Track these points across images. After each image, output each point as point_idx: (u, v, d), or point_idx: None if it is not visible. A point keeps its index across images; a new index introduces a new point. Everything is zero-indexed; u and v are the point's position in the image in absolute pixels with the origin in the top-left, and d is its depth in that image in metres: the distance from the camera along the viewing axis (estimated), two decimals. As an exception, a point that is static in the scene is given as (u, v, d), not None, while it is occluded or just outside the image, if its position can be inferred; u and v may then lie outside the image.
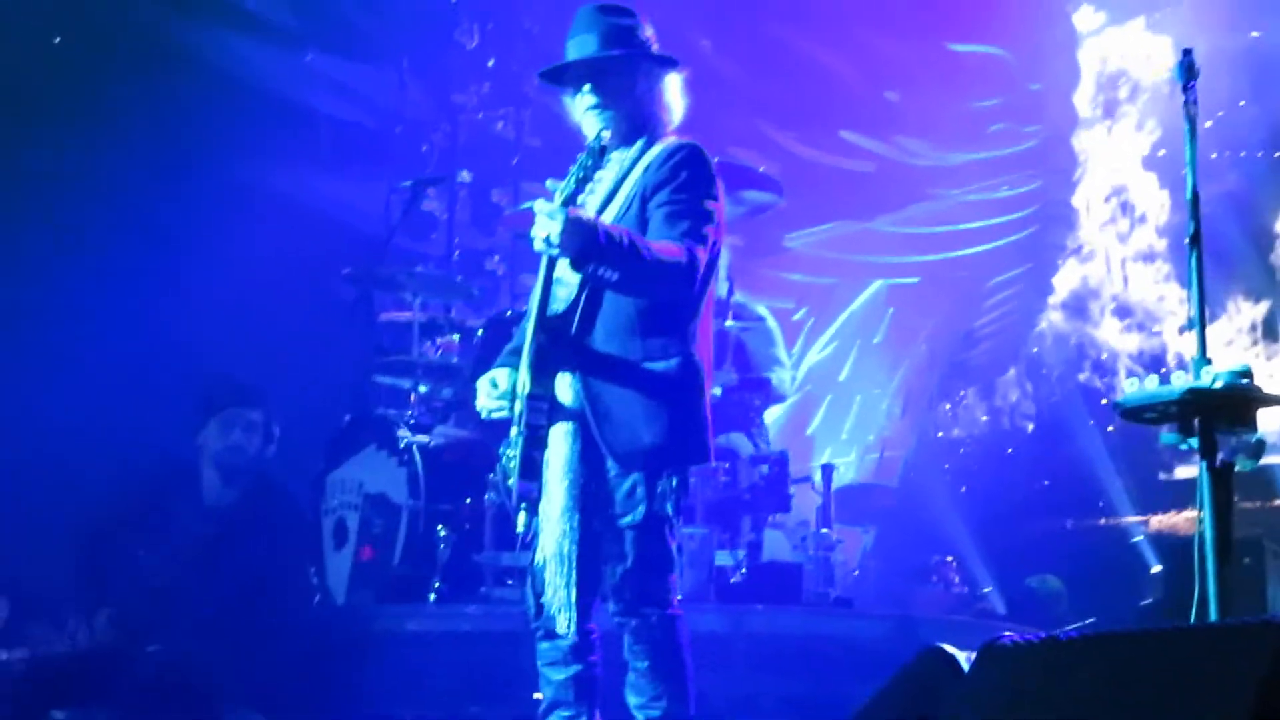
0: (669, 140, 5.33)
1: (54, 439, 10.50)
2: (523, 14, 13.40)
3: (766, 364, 9.52)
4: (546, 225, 4.87)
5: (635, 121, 5.34)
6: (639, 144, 5.32)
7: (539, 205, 4.92)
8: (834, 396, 16.07)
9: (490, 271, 12.95)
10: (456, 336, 9.41)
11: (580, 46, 5.33)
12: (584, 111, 5.32)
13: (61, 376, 10.51)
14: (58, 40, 10.97)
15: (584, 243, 4.87)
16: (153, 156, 11.13)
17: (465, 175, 12.98)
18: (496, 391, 5.25)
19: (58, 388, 10.48)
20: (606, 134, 5.18)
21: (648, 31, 5.41)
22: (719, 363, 8.63)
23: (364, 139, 13.08)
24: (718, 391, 8.57)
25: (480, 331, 9.04)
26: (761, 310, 9.80)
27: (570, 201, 4.96)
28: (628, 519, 5.08)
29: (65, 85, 10.91)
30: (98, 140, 11.02)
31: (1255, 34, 14.43)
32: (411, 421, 8.74)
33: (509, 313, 8.96)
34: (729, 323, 8.84)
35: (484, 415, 5.32)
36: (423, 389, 9.09)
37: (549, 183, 5.06)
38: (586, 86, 5.31)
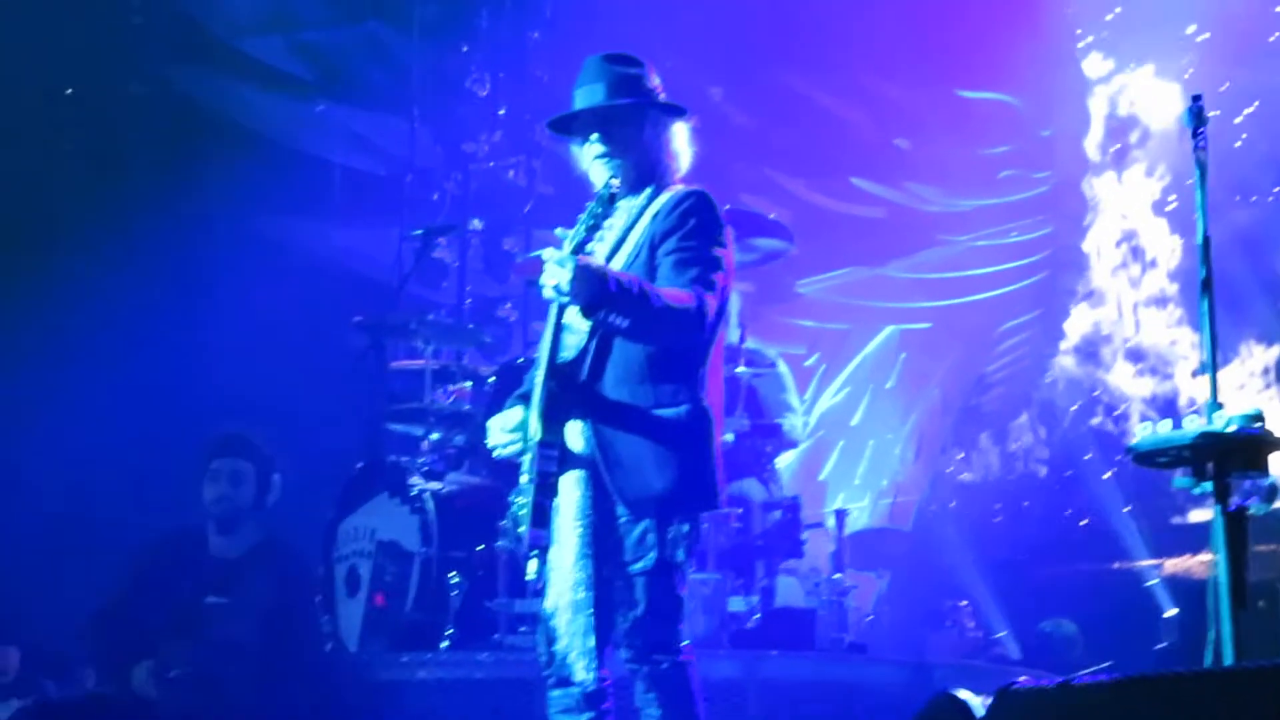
0: (677, 188, 5.34)
1: (69, 493, 10.54)
2: (534, 62, 13.46)
3: (779, 410, 9.52)
4: (556, 273, 4.88)
5: (643, 169, 5.36)
6: (647, 191, 5.33)
7: (547, 253, 4.93)
8: (847, 442, 16.07)
9: (502, 319, 12.96)
10: (469, 384, 9.42)
11: (588, 96, 5.35)
12: (592, 160, 5.33)
13: (77, 428, 10.54)
14: (69, 91, 11.02)
15: (594, 290, 4.88)
16: (165, 206, 11.18)
17: (477, 223, 13.01)
18: (508, 429, 5.26)
19: (73, 440, 10.51)
20: (616, 182, 5.19)
21: (654, 80, 5.43)
22: (731, 409, 8.63)
23: (376, 188, 13.13)
24: (730, 438, 8.56)
25: (492, 379, 9.05)
26: (774, 356, 9.80)
27: (579, 249, 4.97)
28: (639, 565, 5.07)
29: (78, 136, 10.97)
30: (111, 190, 11.08)
31: (1261, 78, 14.46)
32: (424, 469, 8.73)
33: (521, 360, 8.96)
34: (741, 369, 8.84)
35: (495, 454, 5.32)
36: (435, 436, 9.09)
37: (559, 231, 5.07)
38: (594, 136, 5.33)
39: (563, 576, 5.07)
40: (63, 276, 10.72)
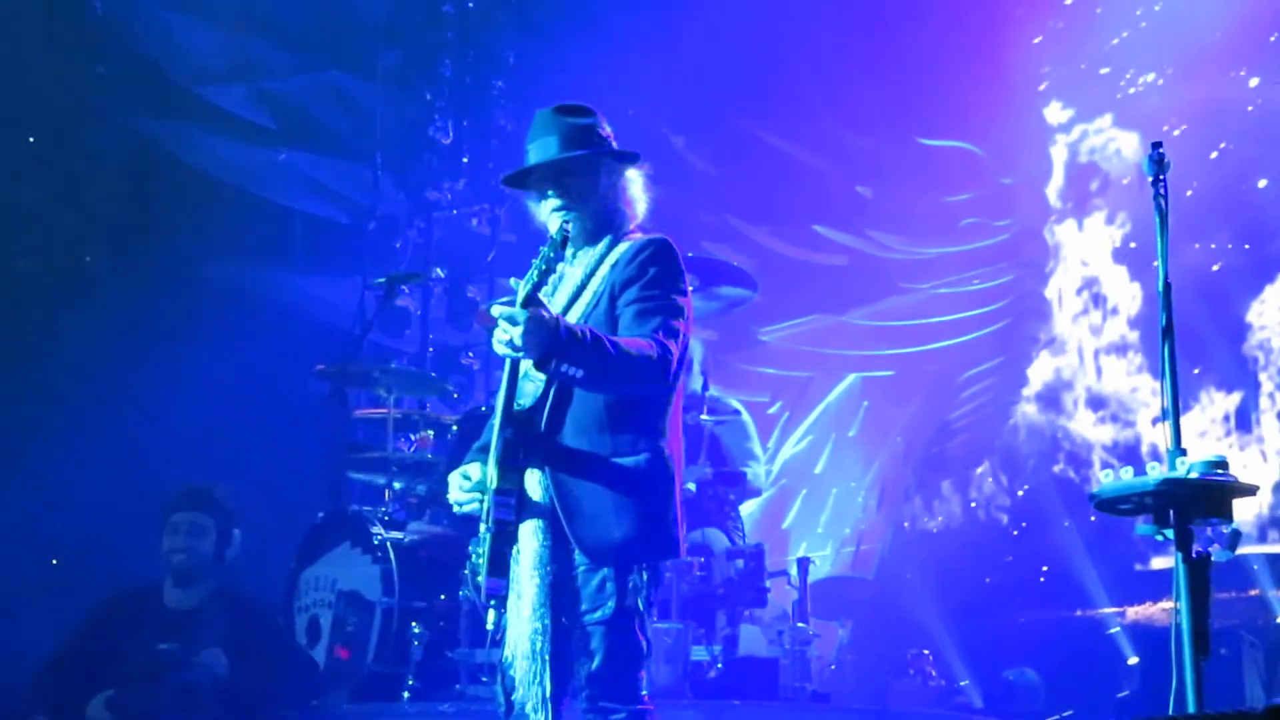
0: (636, 236, 5.34)
1: (31, 542, 10.45)
2: (497, 111, 13.49)
3: (741, 458, 9.53)
4: (508, 329, 4.87)
5: (600, 219, 5.35)
6: (605, 241, 5.33)
7: (496, 309, 4.91)
8: (809, 490, 16.06)
9: (465, 367, 12.97)
10: (431, 432, 9.40)
11: (541, 150, 5.34)
12: (549, 213, 5.32)
13: (38, 475, 10.47)
14: (32, 140, 10.99)
15: (546, 342, 4.86)
16: (127, 253, 11.15)
17: (440, 271, 13.02)
18: (468, 485, 5.24)
19: (34, 488, 10.44)
20: (568, 226, 5.19)
21: (606, 129, 5.42)
22: (693, 457, 8.63)
23: (338, 235, 13.11)
24: (692, 486, 8.57)
25: (455, 427, 9.04)
26: (736, 404, 9.81)
27: (532, 297, 4.95)
28: (597, 615, 5.06)
29: (40, 183, 10.92)
30: (73, 238, 11.04)
31: (1219, 126, 14.58)
32: (385, 518, 8.71)
33: (484, 408, 8.96)
34: (704, 417, 8.85)
35: (456, 509, 5.30)
36: (397, 485, 9.07)
37: (512, 281, 5.06)
38: (550, 190, 5.33)
39: (520, 626, 5.05)
40: (24, 325, 10.67)
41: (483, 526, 5.10)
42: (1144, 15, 14.57)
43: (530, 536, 5.08)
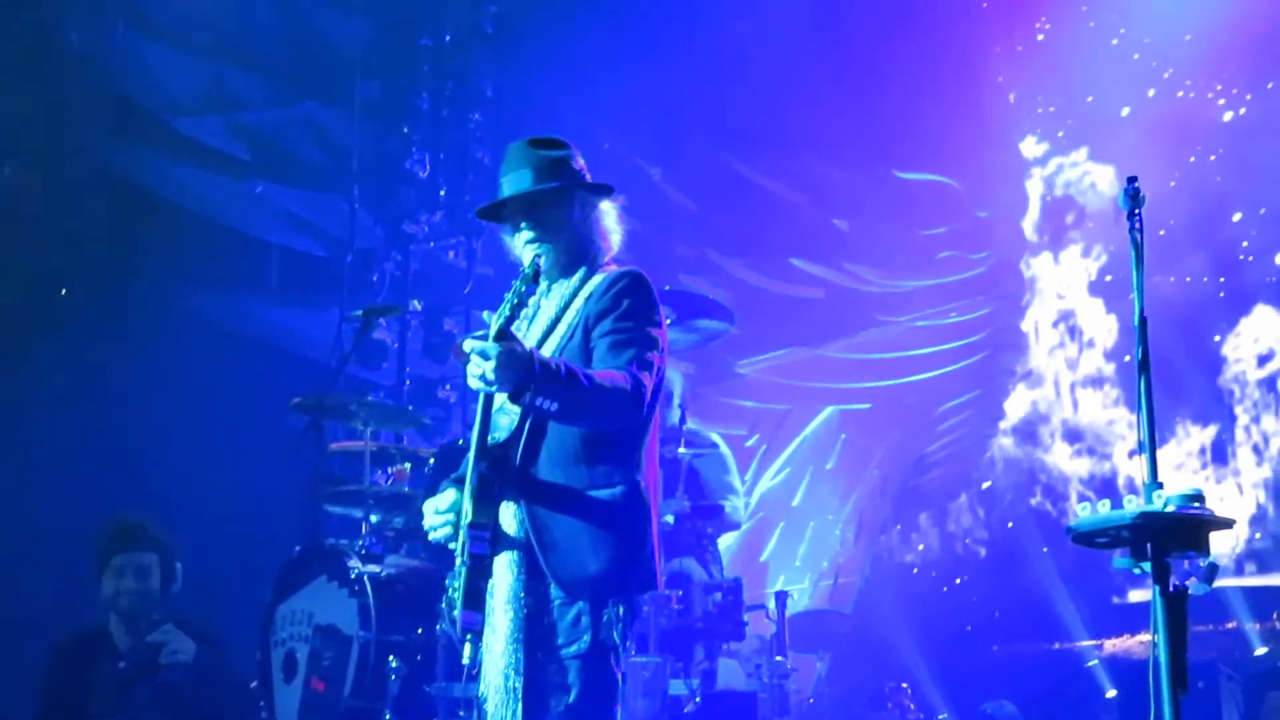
0: (611, 268, 5.33)
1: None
2: (474, 144, 13.49)
3: (720, 491, 9.51)
4: (481, 363, 4.86)
5: (575, 252, 5.35)
6: (580, 273, 5.32)
7: (469, 344, 4.90)
8: (787, 523, 16.06)
9: (442, 400, 12.94)
10: (408, 465, 9.37)
11: (514, 182, 5.33)
12: (523, 245, 5.31)
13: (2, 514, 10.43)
14: (7, 171, 10.96)
15: (520, 376, 4.84)
16: (102, 285, 11.13)
17: (416, 304, 13.00)
18: (442, 510, 5.22)
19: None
20: (540, 259, 5.19)
21: (580, 162, 5.42)
22: (671, 490, 8.62)
23: (315, 268, 13.10)
24: (670, 519, 8.55)
25: (432, 460, 9.00)
26: (714, 437, 9.80)
27: (505, 331, 4.93)
28: (573, 649, 5.03)
29: (14, 215, 10.90)
30: (48, 270, 11.02)
31: (1193, 160, 14.66)
32: (363, 551, 8.67)
33: (460, 441, 8.92)
34: (681, 450, 8.84)
35: (430, 536, 5.28)
36: (374, 518, 9.03)
37: (485, 314, 5.04)
38: (524, 222, 5.32)
39: (495, 661, 5.02)
40: (-2, 356, 10.66)
41: (458, 560, 5.08)
42: (1118, 50, 14.63)
43: (505, 570, 5.06)
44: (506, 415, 5.15)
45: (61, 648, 8.23)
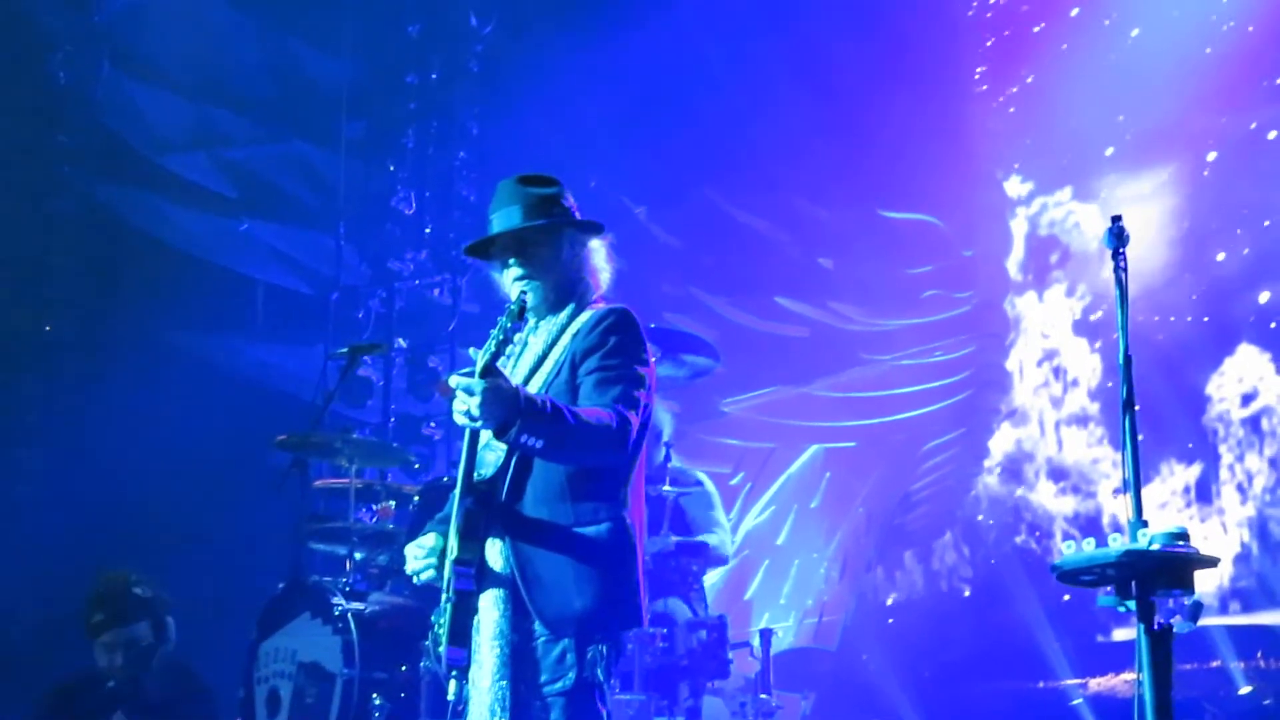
0: (599, 306, 5.34)
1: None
2: (460, 182, 13.51)
3: (706, 526, 9.49)
4: (466, 399, 4.86)
5: (563, 289, 5.36)
6: (568, 310, 5.33)
7: (454, 380, 4.91)
8: (771, 561, 16.04)
9: (427, 437, 12.94)
10: (392, 503, 9.35)
11: (504, 219, 5.34)
12: (512, 282, 5.32)
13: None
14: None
15: (505, 412, 4.85)
16: (87, 320, 11.12)
17: (401, 342, 13.01)
18: (423, 553, 5.21)
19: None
20: (528, 296, 5.20)
21: (570, 200, 5.43)
22: (656, 527, 8.61)
23: (300, 305, 13.10)
24: (649, 561, 8.53)
25: (416, 498, 8.99)
26: (700, 475, 9.79)
27: (490, 368, 4.94)
28: (558, 685, 5.02)
29: (0, 250, 10.90)
30: (32, 305, 11.01)
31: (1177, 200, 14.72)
32: (347, 589, 8.65)
33: (445, 479, 8.93)
34: (666, 488, 8.83)
35: (414, 579, 5.27)
36: (358, 556, 9.01)
37: (471, 351, 5.05)
38: (513, 259, 5.33)
39: (481, 697, 5.01)
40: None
41: (444, 597, 5.07)
42: (1102, 91, 14.69)
43: (490, 606, 5.05)
44: (493, 451, 5.16)
45: (52, 693, 8.26)
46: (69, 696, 8.22)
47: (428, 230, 13.39)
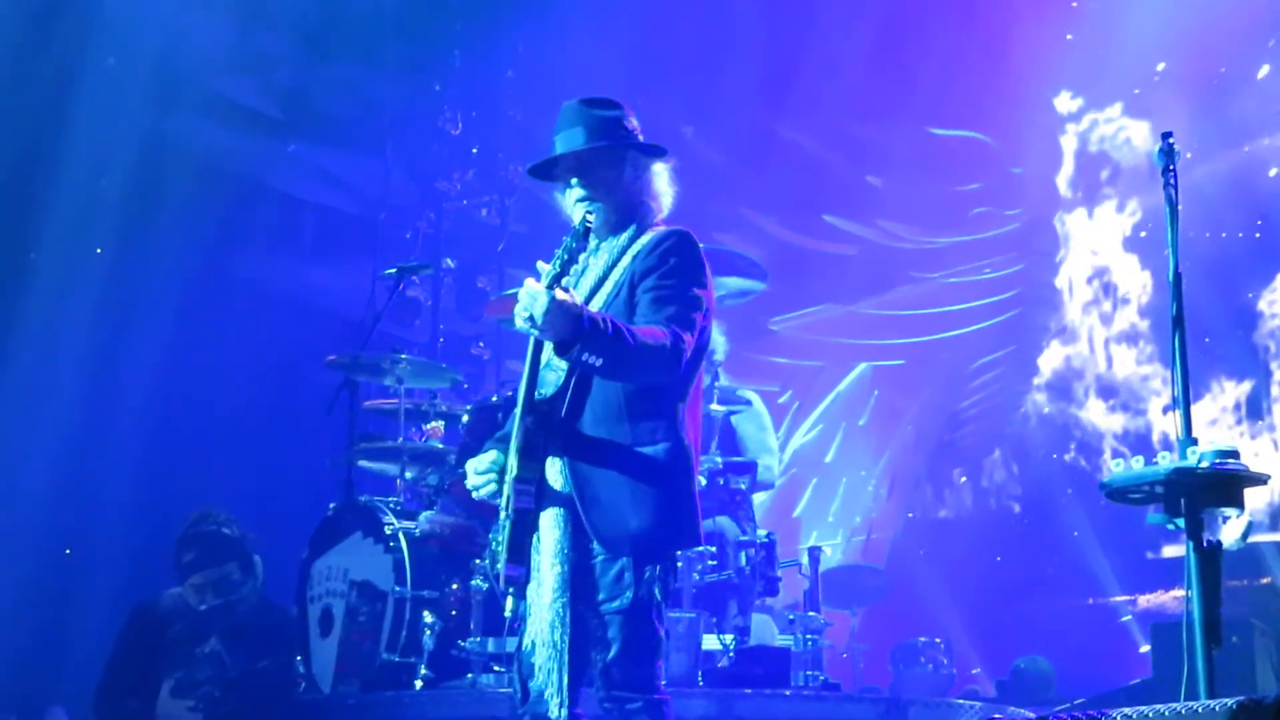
0: (659, 228, 5.34)
1: (33, 536, 10.52)
2: (507, 101, 13.48)
3: (754, 448, 9.51)
4: (530, 303, 4.88)
5: (625, 211, 5.35)
6: (629, 232, 5.32)
7: (528, 283, 4.92)
8: (820, 479, 16.08)
9: (475, 357, 12.98)
10: (441, 423, 9.39)
11: (567, 140, 5.35)
12: (574, 204, 5.32)
13: (50, 470, 10.51)
14: (41, 132, 10.98)
15: (568, 327, 4.87)
16: (136, 244, 11.15)
17: (450, 261, 13.03)
18: (484, 468, 5.24)
19: (51, 483, 10.51)
20: (591, 217, 5.19)
21: (633, 122, 5.43)
22: (705, 447, 8.62)
23: (348, 226, 13.12)
24: (703, 480, 8.56)
25: (465, 418, 9.02)
26: (749, 394, 9.80)
27: (555, 283, 4.95)
28: (615, 604, 5.05)
29: (49, 174, 10.93)
30: (82, 228, 11.05)
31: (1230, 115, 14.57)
32: (397, 508, 8.70)
33: (494, 398, 8.94)
34: (715, 407, 8.84)
35: (474, 494, 5.30)
36: (409, 475, 9.06)
37: (540, 264, 5.05)
38: (575, 180, 5.33)
39: (540, 614, 5.04)
40: (34, 314, 10.70)
41: (503, 514, 5.10)
42: (1154, 6, 14.52)
43: (550, 525, 5.08)
44: (553, 371, 5.17)
45: (144, 614, 8.45)
46: (164, 622, 8.39)
47: (475, 150, 13.38)
